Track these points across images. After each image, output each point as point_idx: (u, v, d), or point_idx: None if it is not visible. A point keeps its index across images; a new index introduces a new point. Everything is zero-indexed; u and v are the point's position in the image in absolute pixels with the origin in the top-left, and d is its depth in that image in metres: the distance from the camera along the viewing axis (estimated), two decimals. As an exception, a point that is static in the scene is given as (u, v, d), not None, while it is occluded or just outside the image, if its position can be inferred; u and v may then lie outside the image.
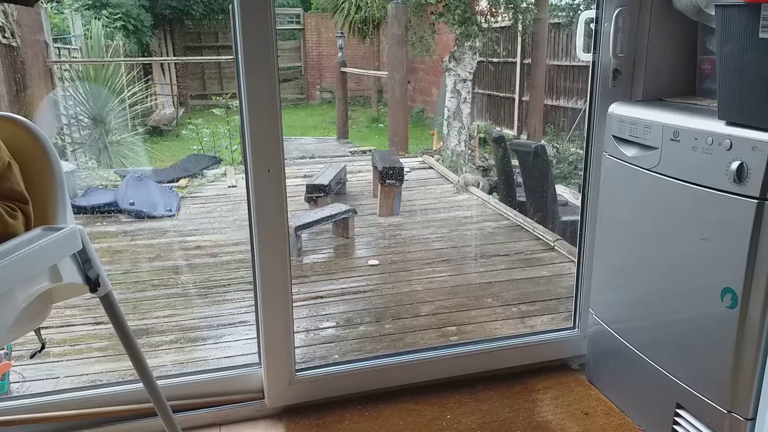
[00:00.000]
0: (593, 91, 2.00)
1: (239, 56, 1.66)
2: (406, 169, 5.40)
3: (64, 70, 5.88)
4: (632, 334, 1.84)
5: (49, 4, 5.99)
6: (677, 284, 1.63)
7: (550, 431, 1.85)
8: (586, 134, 2.07)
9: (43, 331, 1.36)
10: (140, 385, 1.45)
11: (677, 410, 1.65)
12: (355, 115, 9.55)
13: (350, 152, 7.40)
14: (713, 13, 1.57)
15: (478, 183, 4.33)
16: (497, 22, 7.14)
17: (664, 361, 1.69)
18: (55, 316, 2.99)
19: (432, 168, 6.63)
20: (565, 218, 4.48)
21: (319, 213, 4.39)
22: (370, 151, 7.03)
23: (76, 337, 2.87)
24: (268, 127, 1.71)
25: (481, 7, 6.77)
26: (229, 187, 5.80)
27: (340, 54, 8.68)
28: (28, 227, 1.18)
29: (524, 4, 6.77)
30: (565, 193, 5.43)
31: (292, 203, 4.72)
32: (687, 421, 1.62)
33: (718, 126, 1.46)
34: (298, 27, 10.19)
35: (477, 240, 4.49)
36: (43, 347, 1.33)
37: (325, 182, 4.89)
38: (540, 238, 4.25)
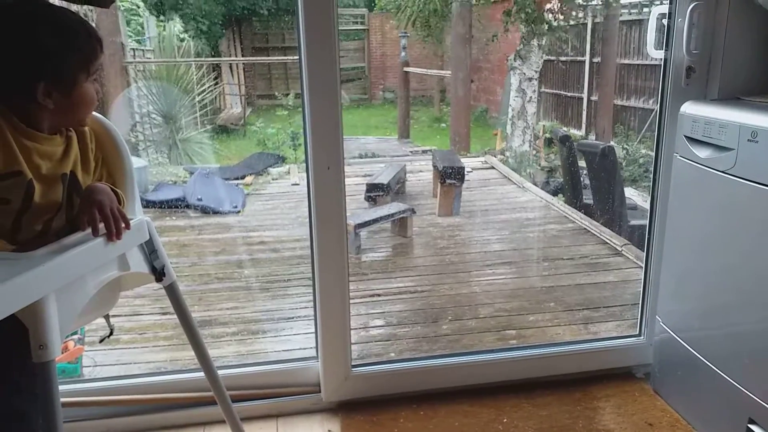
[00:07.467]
0: (665, 89, 1.92)
1: (302, 56, 1.69)
2: (467, 169, 5.34)
3: (138, 70, 6.13)
4: (702, 344, 1.75)
5: (122, 3, 6.25)
6: (753, 293, 1.54)
7: (611, 441, 1.79)
8: (656, 134, 1.99)
9: (113, 319, 1.42)
10: (202, 374, 1.50)
11: (749, 425, 1.56)
12: (417, 114, 9.52)
13: (410, 152, 7.38)
14: (798, 6, 1.48)
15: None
16: (566, 20, 6.94)
17: (736, 373, 1.61)
18: (125, 305, 3.12)
19: (494, 168, 6.53)
20: (633, 222, 4.31)
21: (378, 212, 4.41)
22: (430, 150, 7.00)
23: (143, 326, 2.99)
24: (328, 125, 1.73)
25: (551, 5, 6.60)
26: (292, 185, 5.90)
27: (403, 54, 8.66)
28: None
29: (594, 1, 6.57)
30: (634, 196, 5.23)
31: (353, 202, 4.78)
32: (760, 437, 1.54)
33: (802, 126, 1.37)
34: (362, 27, 10.25)
35: (540, 243, 4.39)
36: (111, 333, 1.39)
37: (385, 181, 4.90)
38: (606, 243, 4.12)
